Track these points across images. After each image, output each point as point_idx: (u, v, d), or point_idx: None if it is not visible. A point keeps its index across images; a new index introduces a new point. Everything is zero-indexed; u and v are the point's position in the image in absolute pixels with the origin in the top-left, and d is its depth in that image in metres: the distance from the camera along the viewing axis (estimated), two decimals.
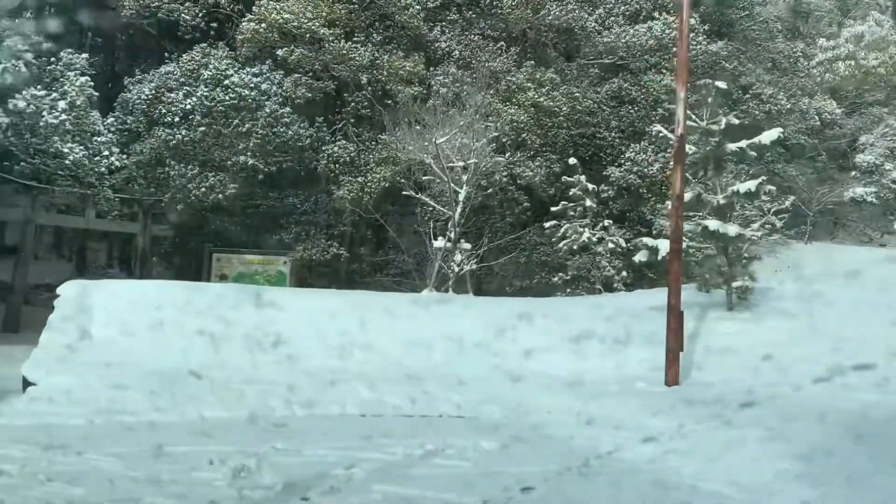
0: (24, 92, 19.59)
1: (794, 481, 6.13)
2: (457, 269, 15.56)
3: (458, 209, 15.50)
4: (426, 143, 15.59)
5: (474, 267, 16.03)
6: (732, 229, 11.92)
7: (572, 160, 17.82)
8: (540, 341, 11.27)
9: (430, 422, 9.18)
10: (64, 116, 20.03)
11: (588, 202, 16.66)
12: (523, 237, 24.63)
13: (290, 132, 23.11)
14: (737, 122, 13.15)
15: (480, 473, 6.53)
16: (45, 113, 19.60)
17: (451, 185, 15.34)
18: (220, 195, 22.55)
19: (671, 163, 23.99)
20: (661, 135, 13.54)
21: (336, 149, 23.90)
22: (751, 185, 12.21)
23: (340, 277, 26.90)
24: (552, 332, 11.38)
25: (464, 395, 9.91)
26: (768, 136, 12.91)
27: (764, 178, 12.79)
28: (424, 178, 17.84)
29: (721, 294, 13.11)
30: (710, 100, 12.85)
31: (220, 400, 9.63)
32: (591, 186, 17.10)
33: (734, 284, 12.51)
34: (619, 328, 12.00)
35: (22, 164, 20.48)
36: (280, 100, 23.21)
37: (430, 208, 24.83)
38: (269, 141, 22.96)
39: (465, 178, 15.66)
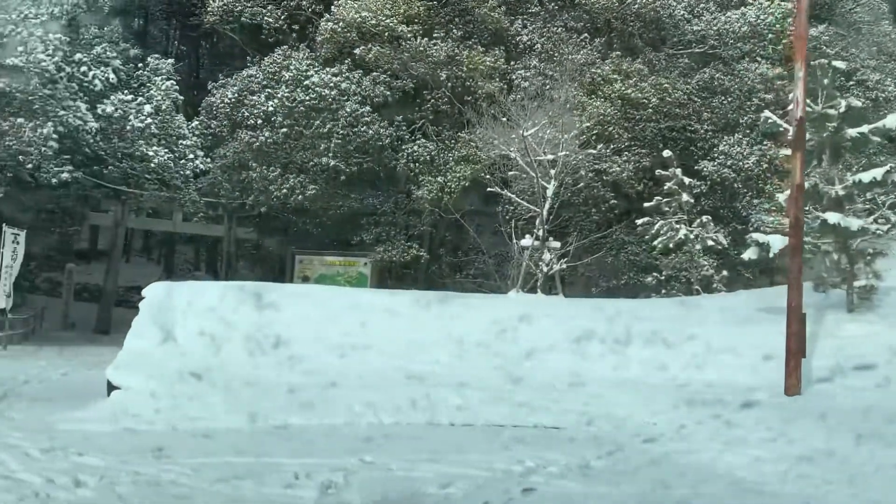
0: (112, 97, 19.94)
1: None
2: (545, 269, 14.78)
3: (546, 205, 14.73)
4: (513, 136, 14.88)
5: (564, 266, 15.20)
6: (855, 223, 10.76)
7: (667, 152, 16.82)
8: (642, 346, 10.41)
9: (524, 434, 8.49)
10: (150, 120, 20.32)
11: (685, 197, 15.61)
12: (609, 236, 23.64)
13: (369, 132, 22.82)
14: (859, 104, 11.93)
15: (600, 498, 5.72)
16: (131, 117, 19.92)
17: (539, 180, 14.56)
18: (301, 196, 22.46)
19: (776, 152, 22.81)
20: (769, 121, 12.43)
21: (416, 148, 23.49)
22: (876, 173, 11.01)
23: (420, 279, 26.51)
24: (666, 336, 10.42)
25: (561, 405, 9.19)
26: (893, 119, 11.64)
27: (892, 165, 11.52)
28: (510, 173, 17.11)
29: (838, 294, 11.92)
30: (825, 81, 11.67)
31: (301, 406, 9.22)
32: (687, 180, 16.04)
33: (856, 284, 11.32)
34: (722, 331, 11.05)
35: (111, 167, 20.86)
36: (359, 99, 22.97)
37: (512, 207, 24.13)
38: (349, 141, 22.74)
39: (552, 172, 14.88)
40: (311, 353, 10.19)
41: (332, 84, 22.81)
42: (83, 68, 19.63)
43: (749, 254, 11.74)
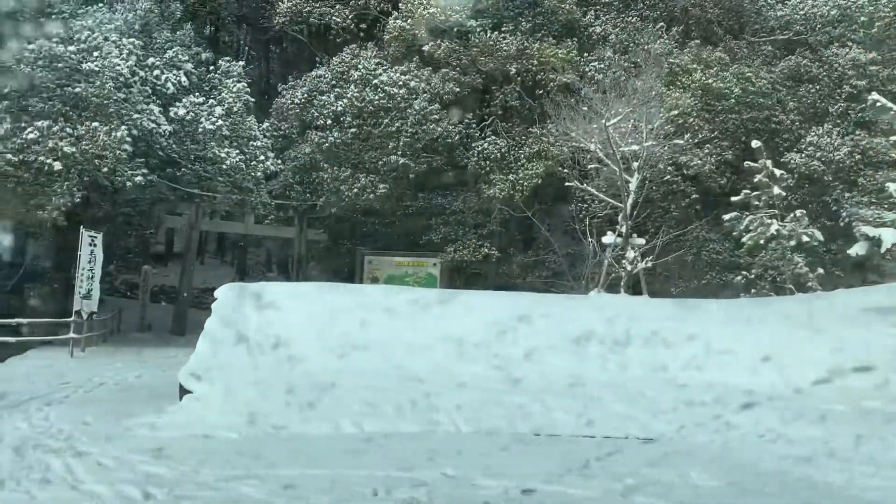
0: (184, 100, 20.08)
1: None
2: (629, 268, 14.02)
3: (630, 200, 13.96)
4: (594, 127, 14.18)
5: (649, 265, 14.40)
6: None
7: (755, 143, 15.80)
8: (750, 348, 9.56)
9: (614, 445, 7.83)
10: (221, 122, 20.36)
11: (776, 189, 14.60)
12: (689, 233, 22.60)
13: (438, 129, 22.43)
14: None
15: None
16: (203, 119, 20.00)
17: (622, 173, 13.81)
18: (372, 196, 22.22)
19: (869, 141, 21.35)
20: (878, 104, 11.39)
21: (486, 145, 22.99)
22: None
23: (490, 279, 25.98)
24: (782, 339, 9.55)
25: (643, 414, 8.48)
26: None
27: None
28: (591, 166, 16.39)
29: None
30: None
31: (374, 410, 8.79)
32: (778, 172, 15.00)
33: None
34: (824, 337, 10.09)
35: (184, 170, 21.03)
36: (428, 97, 22.61)
37: (586, 205, 23.36)
38: (418, 139, 22.40)
39: (635, 165, 14.11)
40: (399, 357, 9.76)
41: (400, 82, 22.53)
42: (156, 72, 19.82)
43: (856, 249, 10.77)
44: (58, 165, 16.45)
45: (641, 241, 14.76)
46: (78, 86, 17.32)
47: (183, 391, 9.38)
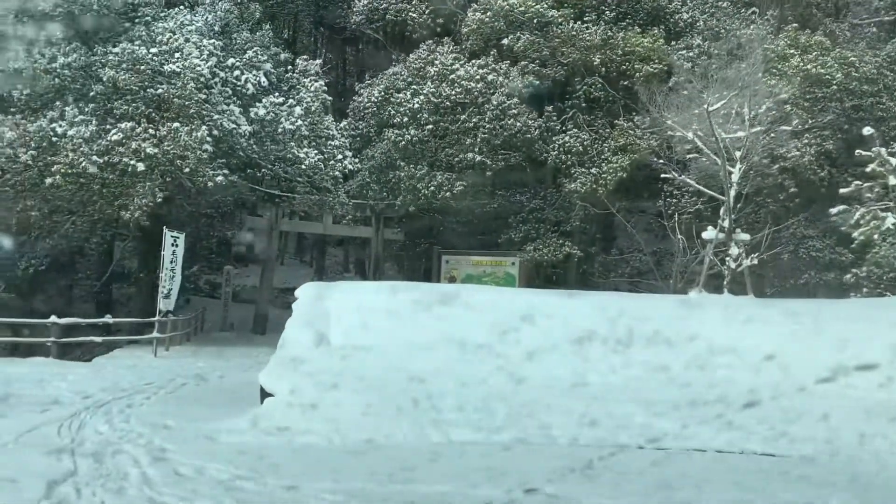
0: (263, 100, 20.07)
1: None
2: (733, 266, 13.04)
3: (733, 192, 12.98)
4: (695, 112, 13.27)
5: (755, 262, 13.38)
6: None
7: (867, 129, 14.55)
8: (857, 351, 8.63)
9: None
10: (300, 122, 20.26)
11: (892, 180, 13.34)
12: (784, 229, 21.24)
13: (517, 124, 21.76)
14: None
15: None
16: (282, 119, 19.93)
17: (725, 163, 12.84)
18: (448, 194, 21.74)
19: None
20: None
21: (567, 139, 22.20)
22: None
23: (571, 278, 25.15)
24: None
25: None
26: None
27: None
28: (689, 156, 15.44)
29: None
30: None
31: (466, 418, 8.25)
32: (894, 161, 13.72)
33: None
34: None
35: (264, 171, 21.05)
36: (506, 91, 21.96)
37: (675, 200, 22.26)
38: (496, 135, 21.79)
39: (737, 154, 13.11)
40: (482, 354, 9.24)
41: (478, 77, 21.99)
42: (236, 72, 19.86)
43: None
44: (141, 166, 16.59)
45: (746, 236, 13.72)
46: (160, 87, 17.46)
47: (264, 393, 9.06)
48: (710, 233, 13.34)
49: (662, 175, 17.93)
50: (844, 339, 8.38)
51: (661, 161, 18.65)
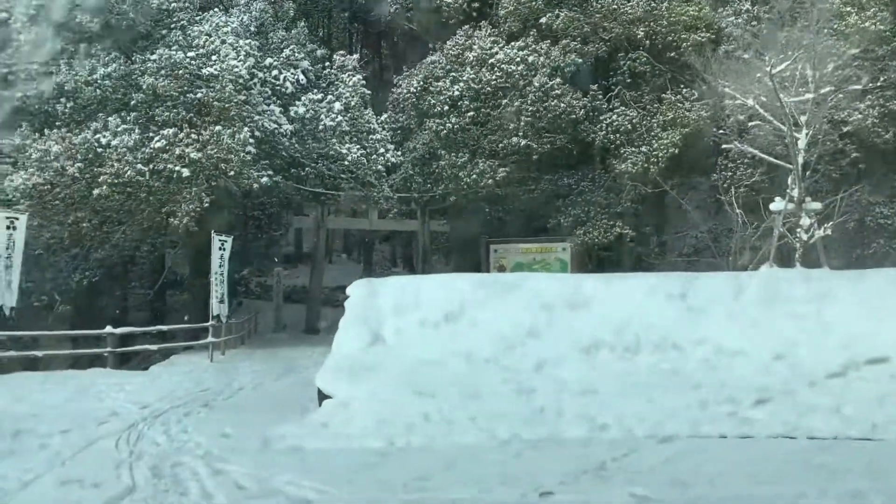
0: (303, 98, 19.88)
1: None
2: (805, 237, 12.32)
3: (801, 159, 12.23)
4: (757, 75, 12.54)
5: (828, 232, 12.63)
6: None
7: None
8: None
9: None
10: (340, 118, 20.02)
11: None
12: (846, 198, 20.21)
13: (561, 105, 21.16)
14: None
15: None
16: (322, 116, 19.72)
17: (791, 129, 12.09)
18: (492, 180, 21.28)
19: None
20: None
21: (614, 117, 21.53)
22: None
23: (624, 261, 24.48)
24: None
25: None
26: None
27: None
28: (751, 123, 14.69)
29: None
30: None
31: (531, 412, 7.84)
32: None
33: None
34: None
35: (307, 170, 20.89)
36: (548, 72, 21.37)
37: (730, 173, 21.40)
38: (539, 117, 21.23)
39: (803, 119, 12.35)
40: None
41: (518, 59, 21.44)
42: (274, 72, 19.71)
43: None
44: (186, 172, 16.53)
45: (818, 205, 12.93)
46: (199, 91, 17.36)
47: (322, 396, 8.79)
48: (778, 203, 12.60)
49: (723, 146, 17.14)
50: None
51: (722, 131, 17.84)
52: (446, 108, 21.53)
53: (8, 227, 13.57)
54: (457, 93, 21.34)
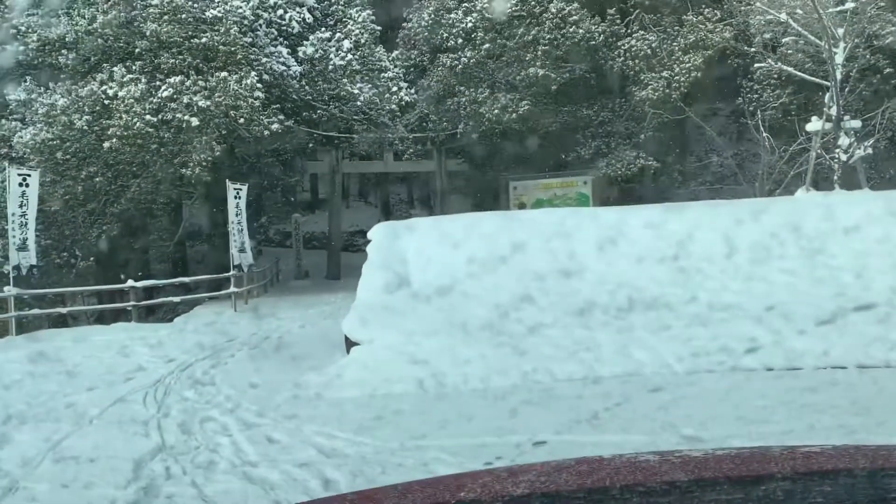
0: (310, 38, 19.25)
1: None
2: (844, 157, 11.77)
3: (839, 75, 11.58)
4: None
5: (869, 151, 12.06)
6: None
7: None
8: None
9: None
10: (350, 56, 19.42)
11: None
12: (875, 117, 19.45)
13: (580, 31, 20.38)
14: None
15: None
16: (332, 55, 19.12)
17: (830, 41, 11.41)
18: (514, 114, 20.67)
19: None
20: None
21: (633, 42, 20.72)
22: None
23: (647, 192, 23.93)
24: None
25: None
26: None
27: None
28: (785, 39, 13.98)
29: None
30: None
31: (562, 350, 7.59)
32: None
33: None
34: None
35: (319, 112, 20.40)
36: None
37: (756, 96, 20.67)
38: (557, 45, 20.47)
39: (840, 32, 11.65)
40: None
41: None
42: (279, 11, 19.05)
43: None
44: (195, 121, 16.13)
45: (857, 123, 12.32)
46: (204, 36, 16.82)
47: (349, 343, 8.57)
48: (815, 123, 12.00)
49: (754, 66, 16.40)
50: None
51: (753, 49, 17.05)
52: (460, 41, 20.83)
53: (20, 185, 13.32)
54: (470, 24, 20.60)
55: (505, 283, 8.86)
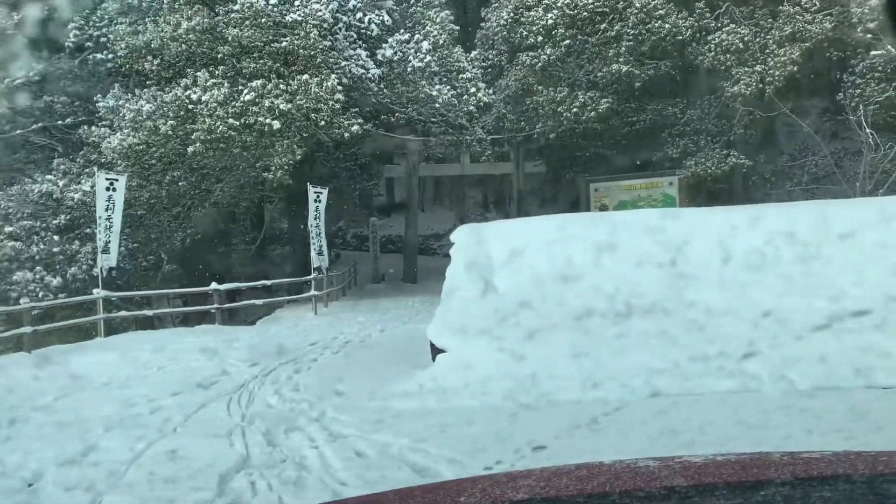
0: (389, 40, 19.09)
1: None
2: None
3: None
4: None
5: None
6: None
7: None
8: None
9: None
10: (429, 58, 19.15)
11: None
12: None
13: (666, 26, 19.57)
14: None
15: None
16: (411, 57, 18.90)
17: None
18: (593, 113, 20.00)
19: None
20: None
21: (724, 36, 19.74)
22: None
23: (737, 192, 22.86)
24: None
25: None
26: None
27: None
28: None
29: None
30: None
31: (672, 365, 7.01)
32: None
33: None
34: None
35: (397, 115, 20.23)
36: None
37: (859, 90, 19.38)
38: (642, 41, 19.72)
39: None
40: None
41: None
42: (358, 14, 18.97)
43: None
44: (276, 124, 16.16)
45: None
46: (284, 40, 16.85)
47: (435, 350, 8.20)
48: None
49: (872, 53, 15.32)
50: None
51: (869, 37, 15.94)
52: (540, 38, 20.31)
53: (107, 189, 13.55)
54: (551, 21, 20.05)
55: (601, 285, 8.33)
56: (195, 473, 4.99)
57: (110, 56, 17.39)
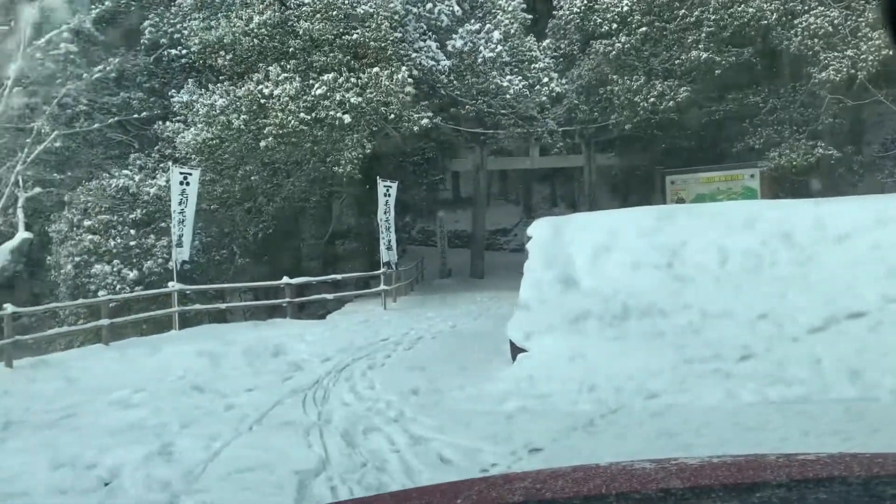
0: (459, 30, 18.75)
1: None
2: None
3: None
4: None
5: None
6: None
7: None
8: None
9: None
10: (500, 48, 18.73)
11: None
12: None
13: (749, 10, 18.64)
14: None
15: None
16: (481, 48, 18.51)
17: None
18: (672, 102, 19.21)
19: None
20: None
21: (812, 19, 18.67)
22: None
23: (823, 185, 21.65)
24: None
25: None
26: None
27: None
28: None
29: None
30: None
31: (774, 369, 6.47)
32: None
33: None
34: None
35: (467, 108, 19.87)
36: None
37: None
38: (723, 26, 18.81)
39: None
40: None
41: None
42: (428, 5, 18.68)
43: None
44: (347, 118, 16.01)
45: None
46: (355, 32, 16.68)
47: (514, 349, 7.83)
48: None
49: None
50: None
51: None
52: (615, 26, 19.62)
53: (181, 183, 13.63)
54: (626, 7, 19.34)
55: (681, 283, 7.81)
56: (272, 476, 4.76)
57: (184, 52, 17.57)
